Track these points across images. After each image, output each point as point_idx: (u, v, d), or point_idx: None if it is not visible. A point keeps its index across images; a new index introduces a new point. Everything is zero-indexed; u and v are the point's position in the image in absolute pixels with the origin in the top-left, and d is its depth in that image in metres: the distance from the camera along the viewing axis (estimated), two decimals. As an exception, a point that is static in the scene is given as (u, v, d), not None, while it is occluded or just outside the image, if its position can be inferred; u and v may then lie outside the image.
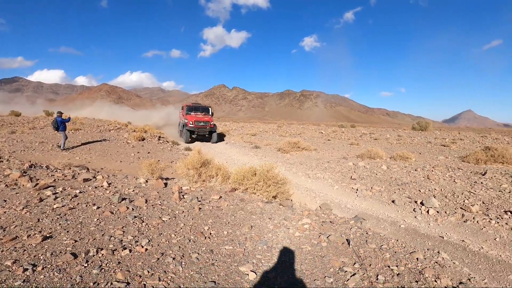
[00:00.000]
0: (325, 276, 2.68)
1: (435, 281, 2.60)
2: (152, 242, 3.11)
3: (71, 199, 4.26)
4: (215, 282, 2.50)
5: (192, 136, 17.52)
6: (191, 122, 17.43)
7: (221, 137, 20.30)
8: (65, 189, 4.74)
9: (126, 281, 2.37)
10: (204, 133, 17.78)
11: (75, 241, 2.97)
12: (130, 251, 2.86)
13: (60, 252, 2.73)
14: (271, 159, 11.94)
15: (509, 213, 5.28)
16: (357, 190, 7.35)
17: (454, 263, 3.22)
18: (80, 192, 4.63)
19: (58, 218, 3.53)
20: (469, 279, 2.75)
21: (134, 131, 16.40)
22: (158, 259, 2.77)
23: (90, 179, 5.65)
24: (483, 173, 8.04)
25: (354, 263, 2.91)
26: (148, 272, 2.53)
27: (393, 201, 6.42)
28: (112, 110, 45.80)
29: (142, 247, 2.95)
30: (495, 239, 4.65)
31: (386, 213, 5.96)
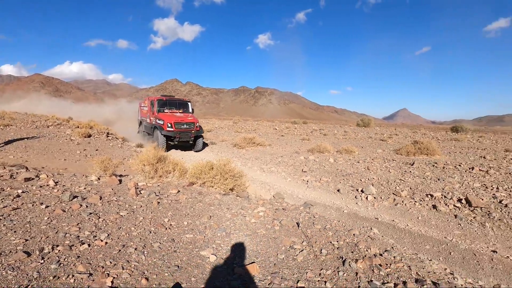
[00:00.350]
0: (277, 254, 3.04)
1: (367, 250, 3.14)
2: (112, 235, 3.13)
3: (13, 199, 3.97)
4: (178, 266, 2.68)
5: (170, 142, 12.78)
6: (169, 125, 12.30)
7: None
8: (3, 189, 4.38)
9: (88, 272, 2.42)
10: (187, 140, 12.86)
11: (26, 240, 2.87)
12: (89, 245, 2.87)
13: (10, 251, 2.63)
14: (227, 154, 12.17)
15: (429, 196, 6.30)
16: (307, 181, 7.99)
17: (382, 236, 3.86)
18: (23, 192, 4.32)
19: (0, 219, 3.31)
20: (392, 248, 3.36)
21: (78, 127, 15.16)
22: (120, 250, 2.84)
23: (33, 178, 5.25)
24: (411, 163, 9.34)
25: (303, 242, 3.33)
26: (111, 262, 2.60)
27: (338, 190, 7.16)
28: (52, 104, 40.82)
29: (102, 241, 2.97)
30: (418, 218, 5.55)
31: (332, 200, 6.65)
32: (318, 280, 2.55)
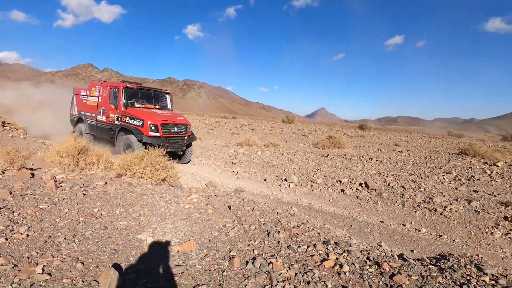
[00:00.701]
0: (211, 232, 3.36)
1: (287, 224, 3.73)
2: (33, 228, 2.93)
3: None
4: (115, 249, 2.74)
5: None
6: (153, 127, 8.25)
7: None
8: None
9: (12, 263, 2.29)
10: (178, 149, 9.08)
11: None
12: (7, 239, 2.65)
13: None
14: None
15: (339, 182, 7.49)
16: (237, 173, 8.48)
17: (300, 214, 4.58)
18: None
19: None
20: (307, 221, 4.07)
21: (-41, 114, 12.28)
22: (46, 241, 2.71)
23: None
24: (326, 155, 10.79)
25: (234, 221, 3.73)
26: (37, 253, 2.49)
27: (265, 180, 7.85)
28: None
29: (21, 234, 2.77)
30: (329, 200, 6.59)
31: (260, 189, 7.28)
32: (247, 249, 2.97)
